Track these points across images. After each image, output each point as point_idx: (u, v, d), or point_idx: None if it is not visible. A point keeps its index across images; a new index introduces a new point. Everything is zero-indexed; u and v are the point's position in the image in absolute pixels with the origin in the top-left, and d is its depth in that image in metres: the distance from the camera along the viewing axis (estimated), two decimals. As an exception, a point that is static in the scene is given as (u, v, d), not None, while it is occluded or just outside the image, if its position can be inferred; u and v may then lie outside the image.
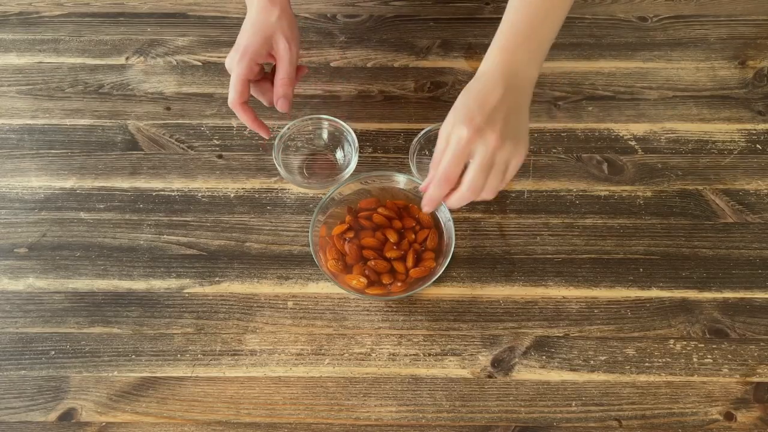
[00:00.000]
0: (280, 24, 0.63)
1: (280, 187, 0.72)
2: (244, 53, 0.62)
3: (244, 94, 0.64)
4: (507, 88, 0.55)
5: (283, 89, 0.64)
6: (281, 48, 0.63)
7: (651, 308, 0.64)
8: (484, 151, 0.54)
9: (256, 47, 0.62)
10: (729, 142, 0.74)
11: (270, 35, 0.63)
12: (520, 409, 0.59)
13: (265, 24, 0.63)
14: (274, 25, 0.63)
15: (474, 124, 0.53)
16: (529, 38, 0.58)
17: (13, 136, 0.76)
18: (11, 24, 0.85)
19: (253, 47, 0.62)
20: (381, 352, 0.62)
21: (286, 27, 0.64)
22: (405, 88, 0.79)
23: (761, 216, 0.69)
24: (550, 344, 0.62)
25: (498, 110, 0.54)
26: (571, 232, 0.68)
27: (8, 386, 0.61)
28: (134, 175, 0.73)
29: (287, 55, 0.64)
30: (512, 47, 0.57)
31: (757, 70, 0.80)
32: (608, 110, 0.76)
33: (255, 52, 0.62)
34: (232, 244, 0.68)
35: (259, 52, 0.63)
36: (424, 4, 0.86)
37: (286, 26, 0.64)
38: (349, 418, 0.59)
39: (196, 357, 0.62)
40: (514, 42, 0.57)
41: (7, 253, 0.68)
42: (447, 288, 0.65)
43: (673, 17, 0.85)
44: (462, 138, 0.53)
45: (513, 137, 0.55)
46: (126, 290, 0.66)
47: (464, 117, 0.54)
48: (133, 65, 0.81)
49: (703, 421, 0.59)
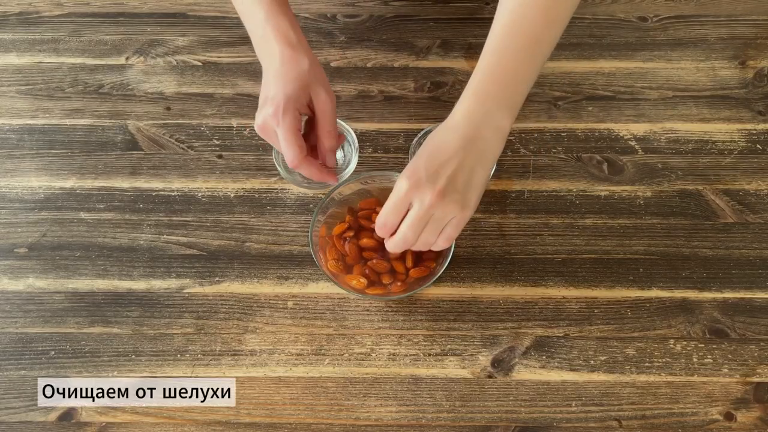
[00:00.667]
0: (314, 72, 0.58)
1: (280, 187, 0.72)
2: (286, 105, 0.56)
3: (303, 146, 0.57)
4: (467, 142, 0.53)
5: (329, 142, 0.60)
6: (321, 98, 0.58)
7: (651, 308, 0.64)
8: (419, 206, 0.53)
9: (297, 96, 0.56)
10: (729, 142, 0.74)
11: (307, 84, 0.57)
12: (520, 409, 0.59)
13: (299, 73, 0.57)
14: (308, 74, 0.57)
15: (415, 178, 0.52)
16: (504, 86, 0.54)
17: (13, 136, 0.76)
18: (11, 24, 0.85)
19: (294, 96, 0.56)
20: (381, 352, 0.62)
21: (320, 75, 0.59)
22: (405, 88, 0.79)
23: (761, 216, 0.69)
24: (550, 344, 0.62)
25: (446, 167, 0.52)
26: (571, 232, 0.68)
27: (8, 386, 0.61)
28: (134, 175, 0.73)
29: (329, 105, 0.58)
30: (483, 95, 0.54)
31: (757, 70, 0.80)
32: (608, 110, 0.76)
33: (297, 101, 0.56)
34: (232, 244, 0.68)
35: (301, 101, 0.57)
36: (424, 4, 0.86)
37: (320, 74, 0.59)
38: (349, 418, 0.59)
39: (196, 357, 0.62)
40: (485, 90, 0.54)
41: (7, 253, 0.68)
42: (447, 288, 0.65)
43: (673, 17, 0.85)
44: (401, 189, 0.53)
45: (456, 196, 0.53)
46: (126, 290, 0.66)
47: (410, 169, 0.53)
48: (133, 65, 0.81)
49: (703, 421, 0.59)
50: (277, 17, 0.59)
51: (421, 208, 0.53)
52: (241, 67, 0.80)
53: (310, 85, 0.57)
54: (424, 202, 0.52)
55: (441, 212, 0.53)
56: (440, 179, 0.52)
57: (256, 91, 0.78)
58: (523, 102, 0.56)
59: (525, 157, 0.73)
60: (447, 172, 0.52)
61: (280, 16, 0.59)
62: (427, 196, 0.52)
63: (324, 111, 0.58)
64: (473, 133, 0.54)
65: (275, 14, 0.59)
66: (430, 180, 0.52)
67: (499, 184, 0.71)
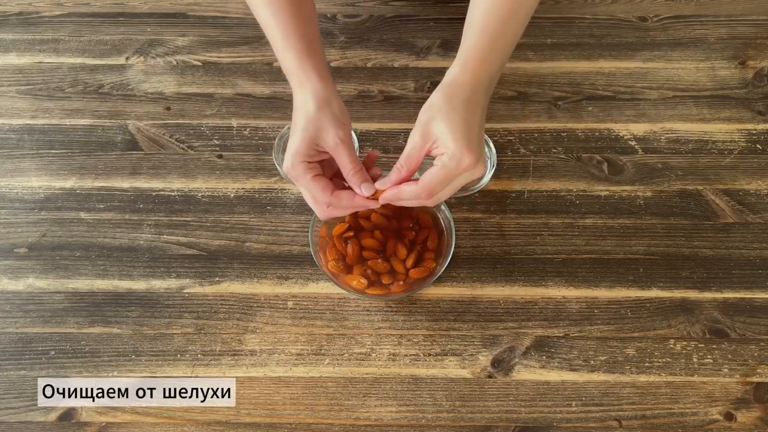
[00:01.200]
0: (321, 116, 0.55)
1: (280, 187, 0.72)
2: (294, 162, 0.55)
3: (327, 185, 0.55)
4: (484, 106, 0.56)
5: (355, 179, 0.56)
6: (330, 143, 0.55)
7: (651, 308, 0.64)
8: (467, 179, 0.54)
9: (303, 150, 0.55)
10: (729, 142, 0.74)
11: (314, 134, 0.55)
12: (520, 409, 0.59)
13: (305, 122, 0.55)
14: (315, 120, 0.55)
15: (473, 152, 0.52)
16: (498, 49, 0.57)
17: (13, 136, 0.76)
18: (11, 24, 0.85)
19: (302, 150, 0.55)
20: (381, 352, 0.62)
21: (328, 117, 0.56)
22: (405, 88, 0.79)
23: (761, 216, 0.69)
24: (550, 344, 0.62)
25: (481, 135, 0.55)
26: (571, 232, 0.68)
27: (8, 386, 0.61)
28: (134, 175, 0.73)
29: (340, 147, 0.55)
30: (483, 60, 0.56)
31: (757, 70, 0.80)
32: (608, 110, 0.76)
33: (305, 154, 0.55)
34: (232, 244, 0.68)
35: (308, 153, 0.55)
36: (424, 4, 0.86)
37: (328, 116, 0.56)
38: (349, 418, 0.59)
39: (196, 357, 0.62)
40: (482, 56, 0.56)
41: (7, 253, 0.68)
42: (447, 288, 0.65)
43: (673, 17, 0.85)
44: (462, 165, 0.52)
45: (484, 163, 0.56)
46: (126, 290, 0.66)
47: (464, 142, 0.52)
48: (133, 65, 0.81)
49: (703, 421, 0.59)
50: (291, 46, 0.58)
51: (468, 180, 0.55)
52: (241, 67, 0.80)
53: (318, 133, 0.55)
54: (474, 176, 0.55)
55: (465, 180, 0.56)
56: (482, 151, 0.55)
57: (255, 91, 0.78)
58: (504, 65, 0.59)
59: (525, 157, 0.73)
60: (482, 143, 0.56)
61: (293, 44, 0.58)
62: (477, 172, 0.54)
63: (336, 153, 0.56)
64: (486, 98, 0.56)
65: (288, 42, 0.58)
66: (479, 154, 0.54)
67: (499, 184, 0.71)
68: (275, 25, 0.59)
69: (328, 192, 0.55)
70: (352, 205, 0.56)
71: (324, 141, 0.55)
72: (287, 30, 0.59)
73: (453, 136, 0.53)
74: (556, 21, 0.84)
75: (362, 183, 0.56)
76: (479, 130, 0.55)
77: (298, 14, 0.59)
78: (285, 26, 0.59)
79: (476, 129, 0.54)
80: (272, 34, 0.59)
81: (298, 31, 0.59)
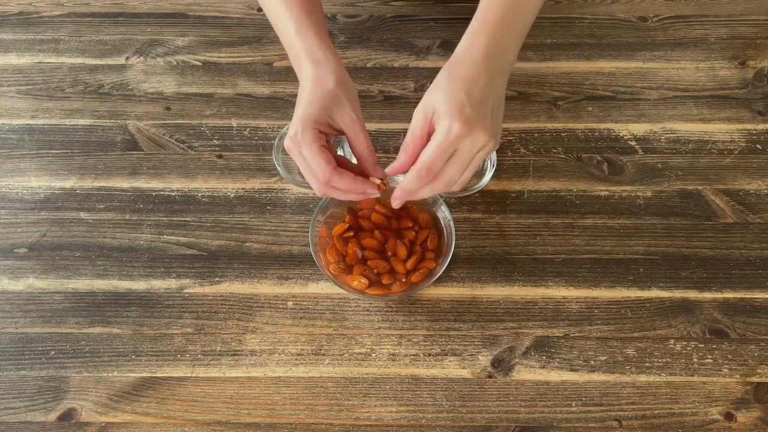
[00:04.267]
0: (340, 92, 0.55)
1: (280, 187, 0.72)
2: (305, 125, 0.53)
3: (331, 159, 0.53)
4: (491, 74, 0.53)
5: (370, 158, 0.55)
6: (347, 119, 0.54)
7: (651, 308, 0.64)
8: (470, 150, 0.51)
9: (317, 117, 0.53)
10: (729, 142, 0.74)
11: (329, 106, 0.54)
12: (520, 409, 0.59)
13: (321, 94, 0.54)
14: (332, 95, 0.54)
15: (464, 116, 0.50)
16: (510, 21, 0.55)
17: (13, 136, 0.76)
18: (11, 24, 0.85)
19: (314, 117, 0.53)
20: (381, 352, 0.62)
21: (347, 93, 0.55)
22: (405, 88, 0.79)
23: (761, 216, 0.69)
24: (550, 344, 0.62)
25: (486, 102, 0.52)
26: (571, 232, 0.68)
27: (8, 386, 0.61)
28: (134, 175, 0.73)
29: (356, 124, 0.54)
30: (492, 30, 0.54)
31: (757, 70, 0.80)
32: (608, 110, 0.76)
33: (317, 121, 0.53)
34: (232, 244, 0.68)
35: (321, 122, 0.54)
36: (424, 4, 0.86)
37: (347, 92, 0.55)
38: (349, 418, 0.59)
39: (196, 357, 0.62)
40: (493, 25, 0.54)
41: (7, 253, 0.68)
42: (447, 288, 0.65)
43: (673, 17, 0.85)
44: (452, 132, 0.50)
45: (496, 133, 0.53)
46: (126, 290, 0.66)
47: (455, 107, 0.50)
48: (133, 65, 0.81)
49: (703, 421, 0.59)
50: (306, 31, 0.58)
51: (472, 151, 0.51)
52: (241, 67, 0.80)
53: (334, 106, 0.54)
54: (476, 146, 0.51)
55: (485, 152, 0.52)
56: (486, 118, 0.51)
57: (255, 91, 0.78)
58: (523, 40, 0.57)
59: (525, 157, 0.73)
60: (489, 108, 0.52)
61: (309, 29, 0.58)
62: (480, 140, 0.51)
63: (350, 132, 0.55)
64: (493, 66, 0.53)
65: (304, 28, 0.58)
66: (479, 118, 0.50)
67: (499, 184, 0.71)
68: (287, 12, 0.58)
69: (331, 167, 0.52)
70: (352, 187, 0.54)
71: (339, 116, 0.54)
72: (302, 17, 0.58)
73: (447, 104, 0.51)
74: (556, 21, 0.84)
75: (376, 165, 0.55)
76: (482, 98, 0.51)
77: (310, 2, 0.60)
78: (299, 14, 0.58)
79: (478, 97, 0.51)
80: (284, 22, 0.59)
81: (312, 17, 0.59)
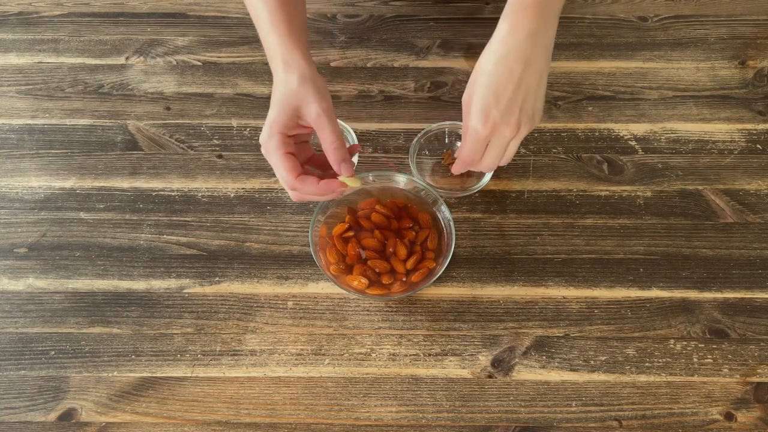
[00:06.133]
0: (304, 90, 0.55)
1: (280, 187, 0.72)
2: (270, 131, 0.54)
3: (294, 166, 0.54)
4: (527, 65, 0.55)
5: (335, 154, 0.55)
6: (313, 114, 0.54)
7: (651, 308, 0.64)
8: (501, 143, 0.57)
9: (283, 120, 0.55)
10: (729, 142, 0.74)
11: (296, 105, 0.55)
12: (520, 409, 0.59)
13: (284, 95, 0.55)
14: (296, 94, 0.55)
15: (490, 120, 0.55)
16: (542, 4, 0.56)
17: (13, 136, 0.76)
18: (11, 24, 0.85)
19: (280, 120, 0.55)
20: (381, 352, 0.62)
21: (312, 90, 0.55)
22: (405, 88, 0.79)
23: (761, 216, 0.69)
24: (550, 344, 0.62)
25: (516, 98, 0.55)
26: (571, 232, 0.68)
27: (8, 386, 0.61)
28: (134, 175, 0.73)
29: (322, 118, 0.54)
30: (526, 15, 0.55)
31: (757, 70, 0.80)
32: (608, 110, 0.76)
33: (284, 125, 0.54)
34: (232, 244, 0.68)
35: (288, 124, 0.55)
36: (424, 4, 0.86)
37: (312, 89, 0.55)
38: (349, 418, 0.59)
39: (196, 357, 0.62)
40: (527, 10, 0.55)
41: (7, 253, 0.68)
42: (447, 288, 0.65)
43: (673, 17, 0.85)
44: (479, 133, 0.56)
45: (527, 119, 0.56)
46: (126, 290, 0.66)
47: (481, 112, 0.55)
48: (133, 65, 0.81)
49: (704, 421, 0.59)
50: (275, 29, 0.58)
51: (502, 144, 0.57)
52: (241, 67, 0.80)
53: (301, 105, 0.55)
54: (505, 140, 0.56)
55: (517, 139, 0.57)
56: (514, 113, 0.55)
57: (255, 91, 0.78)
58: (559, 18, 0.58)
59: (525, 157, 0.73)
60: (518, 103, 0.55)
61: (277, 27, 0.58)
62: (506, 134, 0.56)
63: (318, 126, 0.55)
64: (530, 53, 0.55)
65: (274, 26, 0.58)
66: (504, 118, 0.55)
67: (499, 184, 0.71)
68: (262, 6, 0.59)
69: (293, 175, 0.54)
70: (315, 190, 0.55)
71: (306, 112, 0.55)
72: (273, 13, 0.58)
73: (475, 106, 0.56)
74: (556, 21, 0.84)
75: (342, 162, 0.55)
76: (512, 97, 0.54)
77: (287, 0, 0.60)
78: (271, 9, 0.59)
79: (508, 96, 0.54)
80: (259, 16, 0.59)
81: (284, 15, 0.59)
